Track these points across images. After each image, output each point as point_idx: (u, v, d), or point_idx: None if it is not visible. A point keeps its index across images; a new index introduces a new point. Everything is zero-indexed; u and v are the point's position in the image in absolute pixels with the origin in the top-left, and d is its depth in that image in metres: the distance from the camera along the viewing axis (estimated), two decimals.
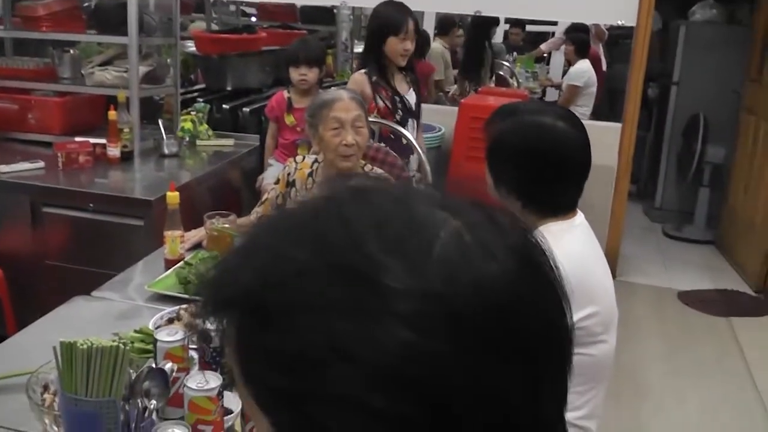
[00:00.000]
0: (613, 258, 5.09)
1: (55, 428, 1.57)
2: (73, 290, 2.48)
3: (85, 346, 1.38)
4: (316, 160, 3.06)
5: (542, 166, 1.96)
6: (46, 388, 1.66)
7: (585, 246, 2.00)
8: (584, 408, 1.91)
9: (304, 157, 3.14)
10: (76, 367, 1.39)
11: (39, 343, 2.05)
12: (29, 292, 3.47)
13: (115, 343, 1.40)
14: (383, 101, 3.82)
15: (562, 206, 2.02)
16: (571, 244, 1.93)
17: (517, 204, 2.00)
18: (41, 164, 3.73)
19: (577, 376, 2.03)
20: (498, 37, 8.25)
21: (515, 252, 0.61)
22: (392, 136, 3.79)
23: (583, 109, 6.77)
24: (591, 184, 5.24)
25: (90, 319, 2.25)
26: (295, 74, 4.12)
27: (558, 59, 7.91)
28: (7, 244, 3.63)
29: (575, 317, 1.89)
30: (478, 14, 5.31)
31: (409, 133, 3.81)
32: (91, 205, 3.45)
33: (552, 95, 7.94)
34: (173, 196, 2.63)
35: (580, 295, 1.79)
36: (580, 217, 2.05)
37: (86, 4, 4.47)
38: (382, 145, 3.60)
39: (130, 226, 3.39)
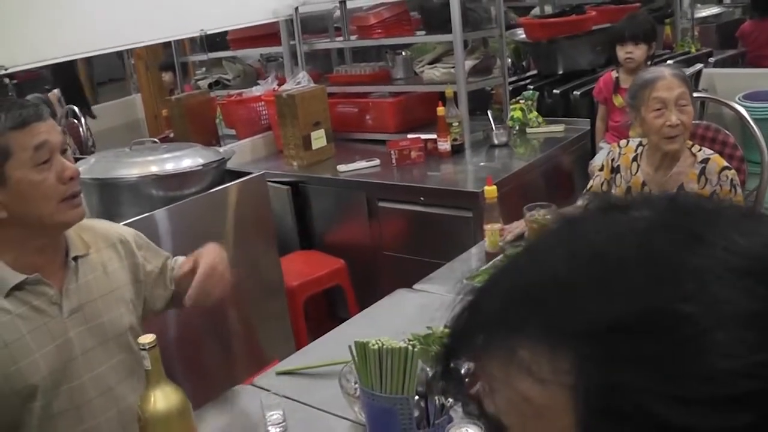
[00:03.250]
0: None
1: (363, 416, 1.65)
2: (406, 278, 2.62)
3: (376, 347, 1.43)
4: (640, 144, 2.93)
5: None
6: None
7: None
8: None
9: (628, 142, 3.01)
10: (370, 364, 1.45)
11: (360, 333, 2.17)
12: (369, 280, 3.71)
13: (405, 345, 1.44)
14: None
15: None
16: None
17: None
18: (377, 162, 3.97)
19: None
20: None
21: None
22: None
23: None
24: None
25: (409, 312, 2.34)
26: (621, 52, 3.97)
27: None
28: (348, 237, 3.93)
29: None
30: None
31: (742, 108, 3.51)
32: (422, 198, 3.59)
33: None
34: (491, 191, 2.66)
35: None
36: None
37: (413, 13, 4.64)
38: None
39: (459, 217, 3.47)
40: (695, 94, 3.50)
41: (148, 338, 1.54)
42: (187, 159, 3.01)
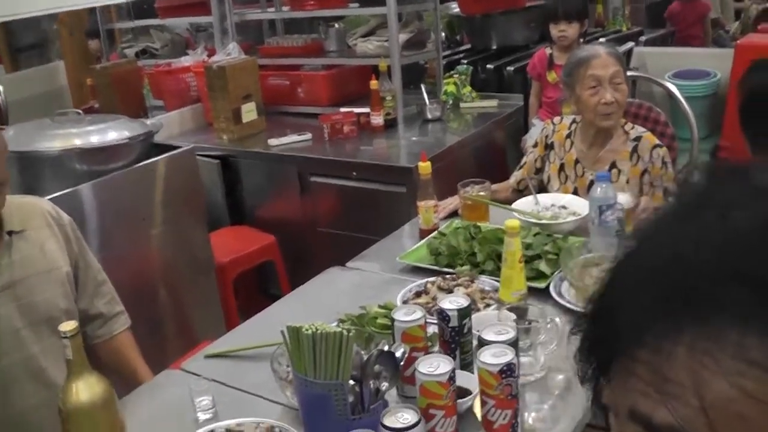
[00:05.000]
0: None
1: (296, 401, 1.60)
2: (339, 254, 2.57)
3: (309, 332, 1.39)
4: (574, 121, 2.95)
5: None
6: None
7: None
8: None
9: (562, 118, 3.03)
10: (303, 350, 1.41)
11: (292, 313, 2.13)
12: (301, 256, 3.66)
13: (339, 330, 1.40)
14: None
15: None
16: None
17: None
18: (309, 136, 3.90)
19: None
20: None
21: None
22: None
23: None
24: None
25: (342, 291, 2.30)
26: (554, 30, 3.98)
27: None
28: (280, 213, 3.87)
29: None
30: None
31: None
32: (354, 173, 3.54)
33: None
34: (425, 167, 2.62)
35: None
36: None
37: None
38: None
39: (392, 193, 3.44)
40: (628, 73, 3.52)
41: (69, 325, 1.47)
42: (113, 132, 2.90)
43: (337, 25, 4.49)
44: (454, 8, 5.37)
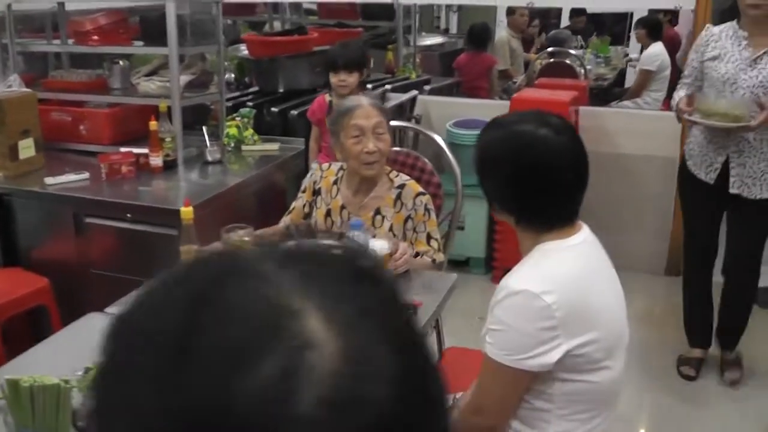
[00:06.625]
0: (679, 251, 4.95)
1: None
2: (115, 298, 2.52)
3: (27, 384, 1.44)
4: (341, 168, 3.09)
5: (522, 178, 1.89)
6: None
7: (584, 266, 1.89)
8: None
9: (329, 165, 3.17)
10: (23, 402, 1.46)
11: (42, 363, 2.14)
12: (76, 300, 3.59)
13: (57, 382, 1.46)
14: None
15: (557, 220, 1.90)
16: (562, 265, 1.83)
17: (511, 219, 1.94)
18: (86, 175, 3.86)
19: (578, 403, 2.03)
20: (564, 21, 8.18)
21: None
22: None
23: (657, 95, 6.63)
24: (652, 176, 5.12)
25: (97, 338, 2.31)
26: (334, 79, 4.14)
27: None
28: (54, 255, 3.80)
29: (571, 344, 1.89)
30: (531, 6, 5.25)
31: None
32: (129, 215, 3.56)
33: (632, 79, 7.81)
34: (187, 212, 2.68)
35: (576, 321, 1.74)
36: (582, 233, 1.93)
37: (133, 18, 4.56)
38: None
39: (164, 235, 3.46)
40: (405, 124, 3.75)
41: None
42: None
43: (121, 63, 4.47)
44: (244, 50, 5.46)
